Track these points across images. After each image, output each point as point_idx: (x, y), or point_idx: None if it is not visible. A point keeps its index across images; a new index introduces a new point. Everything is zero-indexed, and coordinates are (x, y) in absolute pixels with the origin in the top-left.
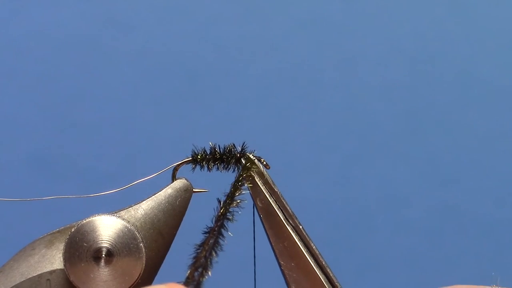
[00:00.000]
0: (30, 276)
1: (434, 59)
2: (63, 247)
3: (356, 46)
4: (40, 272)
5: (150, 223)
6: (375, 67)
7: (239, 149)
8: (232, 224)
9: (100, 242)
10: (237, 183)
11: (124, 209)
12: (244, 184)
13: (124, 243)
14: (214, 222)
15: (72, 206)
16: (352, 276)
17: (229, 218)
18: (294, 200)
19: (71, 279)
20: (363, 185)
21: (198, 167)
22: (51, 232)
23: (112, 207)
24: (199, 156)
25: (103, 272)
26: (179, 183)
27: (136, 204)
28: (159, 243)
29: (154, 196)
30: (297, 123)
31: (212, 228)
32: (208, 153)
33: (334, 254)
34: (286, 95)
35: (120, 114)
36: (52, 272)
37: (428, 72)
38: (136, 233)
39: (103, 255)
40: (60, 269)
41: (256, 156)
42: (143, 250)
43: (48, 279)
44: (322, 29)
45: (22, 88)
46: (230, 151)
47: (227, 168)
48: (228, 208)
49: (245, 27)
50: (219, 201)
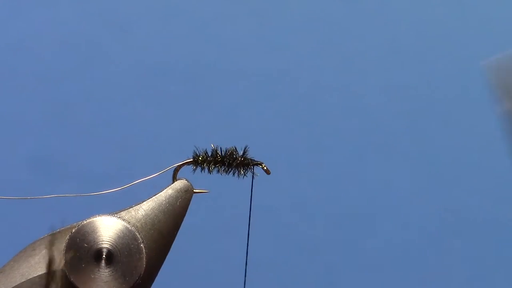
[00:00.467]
0: (31, 277)
1: (434, 59)
2: (63, 247)
3: (356, 46)
4: (40, 273)
5: (151, 224)
6: (375, 67)
7: (241, 152)
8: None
9: (100, 242)
10: None
11: (125, 209)
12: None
13: (125, 243)
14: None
15: (72, 206)
16: (352, 276)
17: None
18: (294, 200)
19: (71, 280)
20: (363, 185)
21: (199, 168)
22: (52, 232)
23: (113, 208)
24: (200, 158)
25: (104, 272)
26: (179, 183)
27: (136, 205)
28: (159, 243)
29: (154, 197)
30: (297, 123)
31: None
32: (210, 155)
33: (334, 254)
34: (286, 95)
35: (120, 114)
36: (52, 273)
37: (428, 72)
38: (137, 233)
39: (104, 256)
40: (60, 270)
41: (257, 161)
42: (144, 250)
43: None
44: (322, 29)
45: (22, 88)
46: (232, 154)
47: (228, 171)
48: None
49: (245, 27)
50: None
